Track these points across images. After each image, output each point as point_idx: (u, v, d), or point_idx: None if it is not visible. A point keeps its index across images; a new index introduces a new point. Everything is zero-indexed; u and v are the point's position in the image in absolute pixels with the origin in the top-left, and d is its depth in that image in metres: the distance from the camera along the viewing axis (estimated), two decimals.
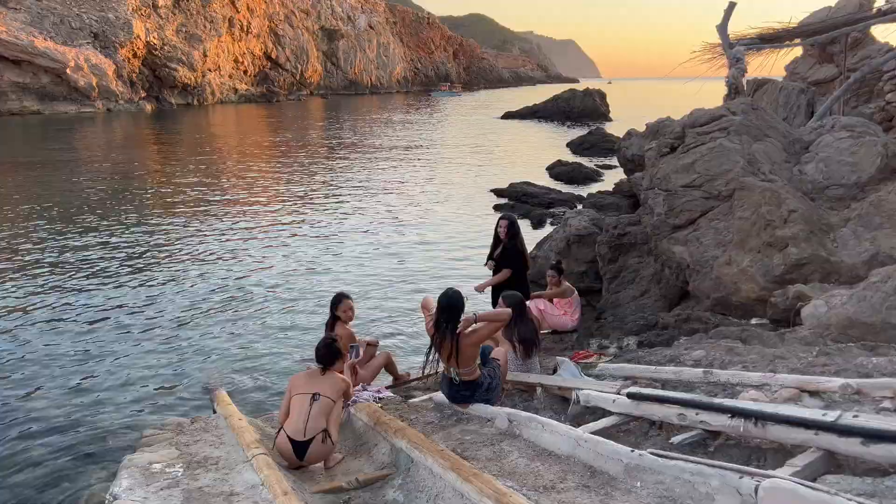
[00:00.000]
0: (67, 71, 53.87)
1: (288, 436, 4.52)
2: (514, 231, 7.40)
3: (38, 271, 11.53)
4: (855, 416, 3.28)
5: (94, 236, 14.14)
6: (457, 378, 4.94)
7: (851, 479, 2.94)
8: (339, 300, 6.32)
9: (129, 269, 11.76)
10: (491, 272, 7.54)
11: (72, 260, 12.30)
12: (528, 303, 6.68)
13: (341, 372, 5.14)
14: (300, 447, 4.50)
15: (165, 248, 13.42)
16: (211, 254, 13.00)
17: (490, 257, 7.62)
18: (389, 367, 6.68)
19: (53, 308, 9.70)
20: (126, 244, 13.56)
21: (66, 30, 57.03)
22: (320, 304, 10.10)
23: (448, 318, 4.86)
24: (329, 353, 4.83)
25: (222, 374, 7.59)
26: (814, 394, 3.93)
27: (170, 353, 8.22)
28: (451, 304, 4.88)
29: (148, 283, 10.99)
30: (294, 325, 9.26)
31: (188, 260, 12.53)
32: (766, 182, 7.18)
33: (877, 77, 14.23)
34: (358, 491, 4.20)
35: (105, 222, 15.52)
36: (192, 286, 10.91)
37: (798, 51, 18.54)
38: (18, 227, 14.87)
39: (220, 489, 3.91)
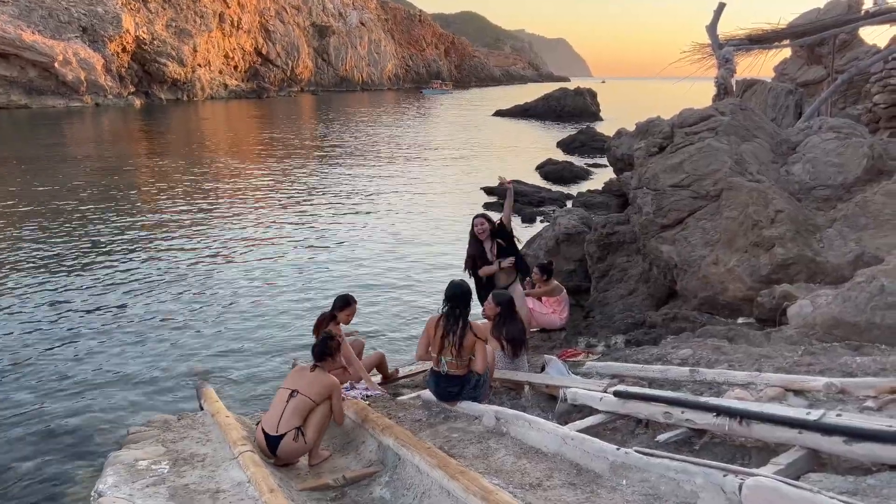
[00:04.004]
0: (55, 65, 53.38)
1: (263, 429, 4.53)
2: (492, 224, 6.96)
3: (24, 266, 11.44)
4: (838, 416, 3.31)
5: (82, 232, 14.04)
6: (444, 369, 4.97)
7: (834, 477, 2.97)
8: (348, 303, 6.10)
9: (117, 265, 11.68)
10: (472, 279, 6.92)
11: (59, 255, 12.21)
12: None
13: (345, 369, 5.09)
14: (272, 441, 4.47)
15: (154, 243, 13.34)
16: (201, 249, 12.94)
17: (472, 264, 6.97)
18: (381, 366, 6.66)
19: (39, 303, 9.62)
20: (114, 240, 13.47)
21: (54, 23, 56.49)
22: (310, 300, 10.09)
23: (459, 306, 5.02)
24: (320, 349, 4.81)
25: (210, 371, 7.56)
26: (798, 393, 3.97)
27: (157, 349, 8.18)
28: (463, 291, 5.10)
29: (136, 279, 10.92)
30: (283, 323, 9.24)
31: (177, 255, 12.46)
32: (754, 182, 7.23)
33: (864, 79, 14.34)
34: (345, 488, 4.20)
35: (92, 218, 15.41)
36: (181, 282, 10.86)
37: (787, 52, 18.67)
38: (5, 221, 14.74)
39: (207, 486, 3.90)
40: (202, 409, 5.45)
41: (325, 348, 4.83)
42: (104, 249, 12.72)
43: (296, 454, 4.55)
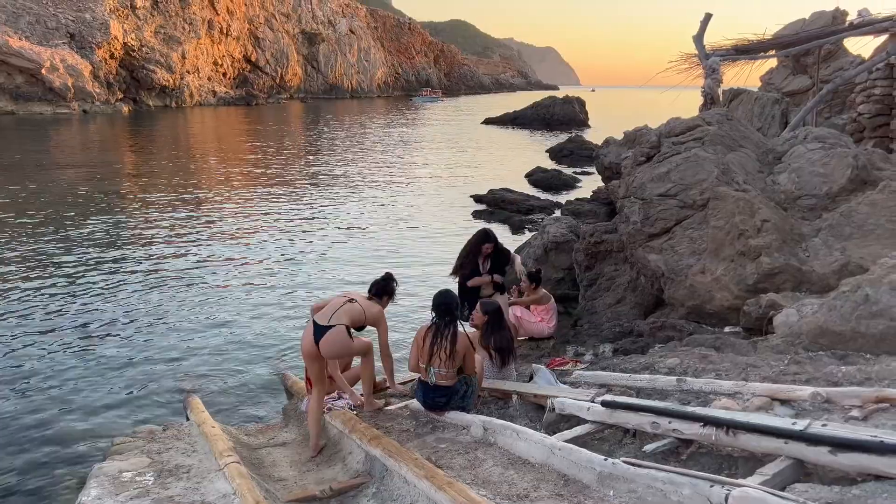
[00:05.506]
0: (43, 71, 53.05)
1: (314, 321, 4.87)
2: (498, 245, 7.27)
3: (7, 273, 11.32)
4: (824, 425, 3.32)
5: (67, 238, 13.92)
6: (432, 379, 4.96)
7: (820, 487, 2.98)
8: None
9: (102, 272, 11.59)
10: (458, 286, 7.15)
11: (43, 262, 12.11)
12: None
13: (332, 379, 5.39)
14: (320, 330, 4.80)
15: (139, 251, 13.25)
16: (186, 258, 12.87)
17: (465, 273, 7.13)
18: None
19: (22, 311, 9.52)
20: (99, 247, 13.37)
21: (41, 29, 56.19)
22: (299, 310, 10.04)
23: (448, 315, 5.06)
24: (381, 286, 5.32)
25: (196, 381, 7.50)
26: (784, 402, 3.98)
27: (143, 359, 8.11)
28: (451, 300, 5.17)
29: (121, 287, 10.84)
30: (270, 332, 9.19)
31: (163, 263, 12.38)
32: (740, 192, 7.28)
33: (849, 89, 14.49)
34: (332, 499, 4.17)
35: (78, 224, 15.30)
36: (167, 290, 10.79)
37: (773, 62, 18.85)
38: None
39: (192, 498, 3.87)
40: (188, 419, 5.42)
41: (387, 287, 5.33)
42: (88, 258, 12.62)
43: (338, 347, 4.86)
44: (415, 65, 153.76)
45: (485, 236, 7.19)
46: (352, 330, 4.97)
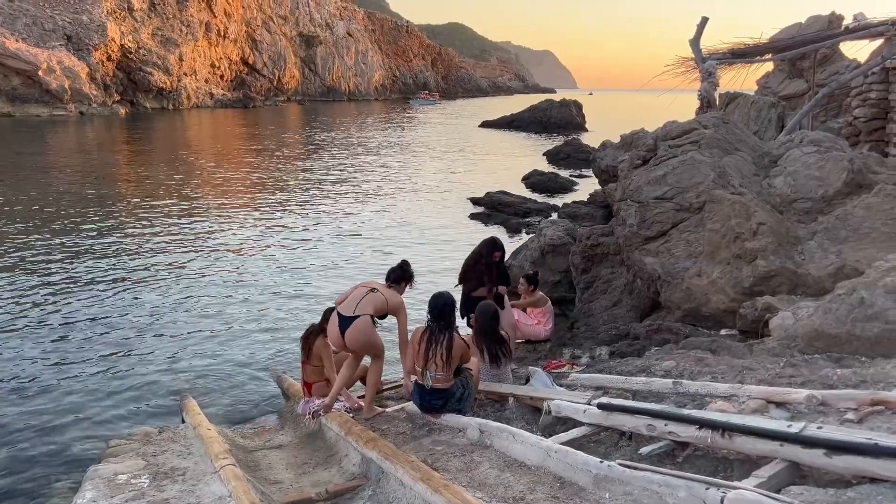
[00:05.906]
0: (39, 73, 52.99)
1: (338, 312, 4.96)
2: (503, 255, 7.29)
3: (2, 274, 11.29)
4: (819, 428, 3.33)
5: (63, 240, 13.90)
6: (429, 383, 4.96)
7: (815, 490, 2.98)
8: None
9: (98, 275, 11.57)
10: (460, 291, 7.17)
11: (38, 264, 12.08)
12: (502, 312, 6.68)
13: (328, 381, 5.48)
14: (345, 321, 4.90)
15: (136, 253, 13.23)
16: (183, 260, 12.85)
17: (474, 280, 7.09)
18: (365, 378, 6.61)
19: (17, 313, 9.50)
20: (96, 249, 13.35)
21: (38, 31, 56.15)
22: (293, 311, 10.04)
23: (444, 318, 5.07)
24: (399, 272, 5.46)
25: (192, 383, 7.49)
26: (780, 405, 3.99)
27: (138, 361, 8.09)
28: (447, 303, 5.16)
29: (117, 289, 10.82)
30: (267, 334, 9.17)
31: (159, 266, 12.36)
32: (736, 195, 7.30)
33: (845, 92, 14.53)
34: (328, 502, 4.17)
35: (74, 227, 15.27)
36: (162, 292, 10.76)
37: (769, 65, 18.90)
38: None
39: (187, 501, 3.87)
40: (184, 421, 5.41)
41: (405, 273, 5.47)
42: (84, 260, 12.59)
43: (363, 336, 4.95)
44: (412, 68, 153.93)
45: (493, 245, 7.12)
46: (375, 319, 5.10)
